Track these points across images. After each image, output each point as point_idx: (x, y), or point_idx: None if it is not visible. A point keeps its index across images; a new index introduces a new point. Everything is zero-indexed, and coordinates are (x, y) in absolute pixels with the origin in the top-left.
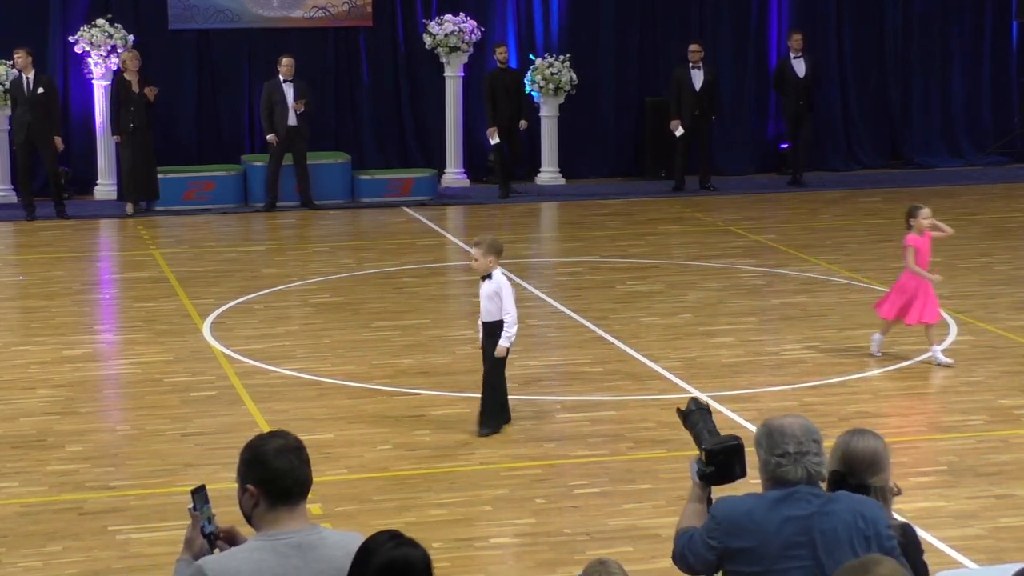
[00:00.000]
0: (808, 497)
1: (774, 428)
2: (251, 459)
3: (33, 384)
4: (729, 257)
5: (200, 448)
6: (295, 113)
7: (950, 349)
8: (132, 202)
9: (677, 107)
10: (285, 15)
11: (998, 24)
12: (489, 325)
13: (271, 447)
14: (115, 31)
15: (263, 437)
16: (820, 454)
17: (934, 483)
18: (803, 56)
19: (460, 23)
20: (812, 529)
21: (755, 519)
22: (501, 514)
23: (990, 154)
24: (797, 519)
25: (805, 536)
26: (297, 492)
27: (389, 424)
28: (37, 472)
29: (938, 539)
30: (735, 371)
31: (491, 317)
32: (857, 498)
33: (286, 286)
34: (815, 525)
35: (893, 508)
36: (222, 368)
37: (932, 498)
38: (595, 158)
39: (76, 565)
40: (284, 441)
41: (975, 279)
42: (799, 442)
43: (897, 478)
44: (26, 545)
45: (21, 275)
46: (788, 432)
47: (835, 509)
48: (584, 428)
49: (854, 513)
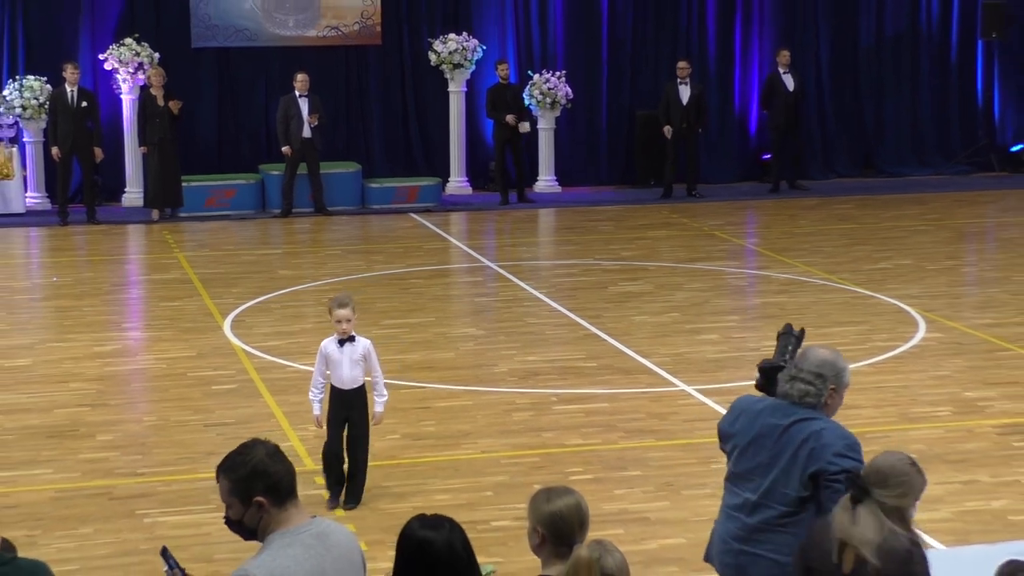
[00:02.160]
0: (791, 412)
1: (806, 350)
2: (250, 474)
3: (66, 378)
4: (714, 260)
5: (221, 438)
6: (309, 126)
7: (919, 345)
8: (158, 208)
9: (667, 119)
10: (300, 34)
11: (964, 43)
12: (353, 392)
13: (261, 456)
14: (142, 49)
15: (245, 451)
16: (812, 384)
17: None
18: (791, 71)
19: (463, 41)
20: (778, 435)
21: (747, 413)
22: (502, 499)
23: (956, 164)
24: (772, 424)
25: (770, 439)
26: (295, 487)
27: (397, 415)
28: (70, 460)
29: None
30: (719, 366)
31: (355, 384)
32: (829, 428)
33: (301, 287)
34: (782, 433)
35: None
36: (242, 363)
37: None
38: (589, 167)
39: (106, 546)
40: (265, 447)
41: (942, 280)
42: (800, 369)
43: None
44: (60, 528)
45: (55, 276)
46: (803, 357)
47: (803, 427)
48: (579, 419)
49: (813, 434)
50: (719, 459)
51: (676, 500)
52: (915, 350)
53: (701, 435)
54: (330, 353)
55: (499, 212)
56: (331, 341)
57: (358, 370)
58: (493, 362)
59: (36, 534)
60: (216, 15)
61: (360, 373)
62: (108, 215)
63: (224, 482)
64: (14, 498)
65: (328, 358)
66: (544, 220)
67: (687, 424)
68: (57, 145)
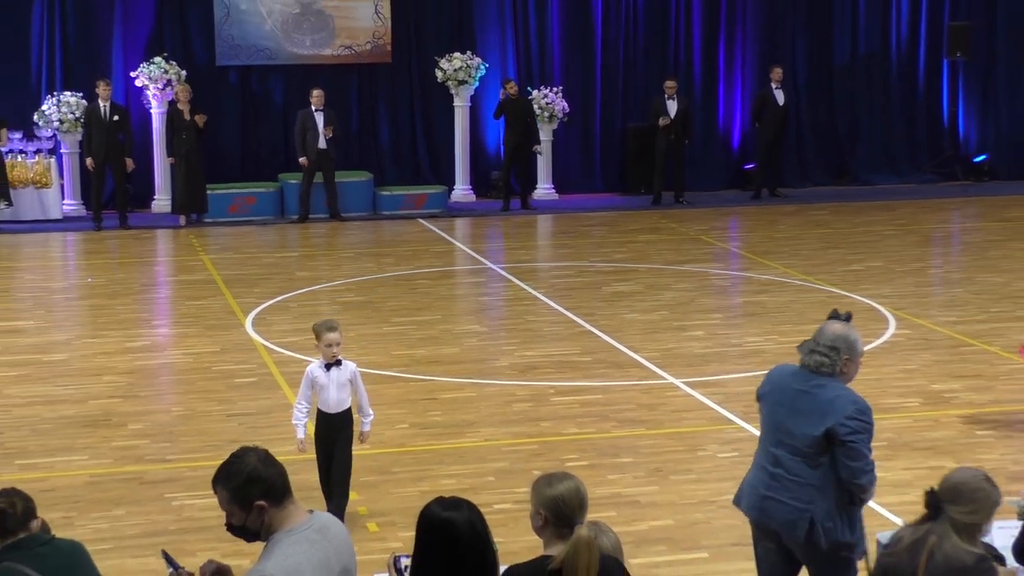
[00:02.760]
0: (810, 379)
1: (822, 326)
2: (247, 481)
3: (100, 371)
4: (700, 262)
5: (243, 427)
6: (325, 138)
7: (889, 341)
8: (184, 214)
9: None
10: (316, 53)
11: (931, 62)
12: (340, 416)
13: (254, 463)
14: (170, 67)
15: (238, 460)
16: (827, 356)
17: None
18: (782, 87)
19: (467, 60)
20: (797, 397)
21: (775, 379)
22: (503, 484)
23: (924, 174)
24: (794, 389)
25: (792, 402)
26: (289, 487)
27: (406, 406)
28: (104, 447)
29: (879, 505)
30: (705, 360)
31: (341, 407)
32: (842, 395)
33: (317, 287)
34: (802, 397)
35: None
36: (262, 358)
37: None
38: (584, 176)
39: (137, 527)
40: (256, 454)
41: (910, 281)
42: (817, 343)
43: None
44: (95, 510)
45: (90, 277)
46: (820, 332)
47: (819, 393)
48: (574, 409)
49: (828, 399)
50: (705, 447)
51: (664, 485)
52: (886, 346)
53: (688, 424)
54: (317, 377)
55: (501, 217)
56: (317, 366)
57: (344, 393)
58: (495, 357)
59: (72, 515)
60: (239, 36)
61: (347, 396)
62: (138, 221)
63: (223, 492)
64: (52, 482)
65: (315, 382)
66: (542, 225)
67: (675, 414)
68: (91, 156)
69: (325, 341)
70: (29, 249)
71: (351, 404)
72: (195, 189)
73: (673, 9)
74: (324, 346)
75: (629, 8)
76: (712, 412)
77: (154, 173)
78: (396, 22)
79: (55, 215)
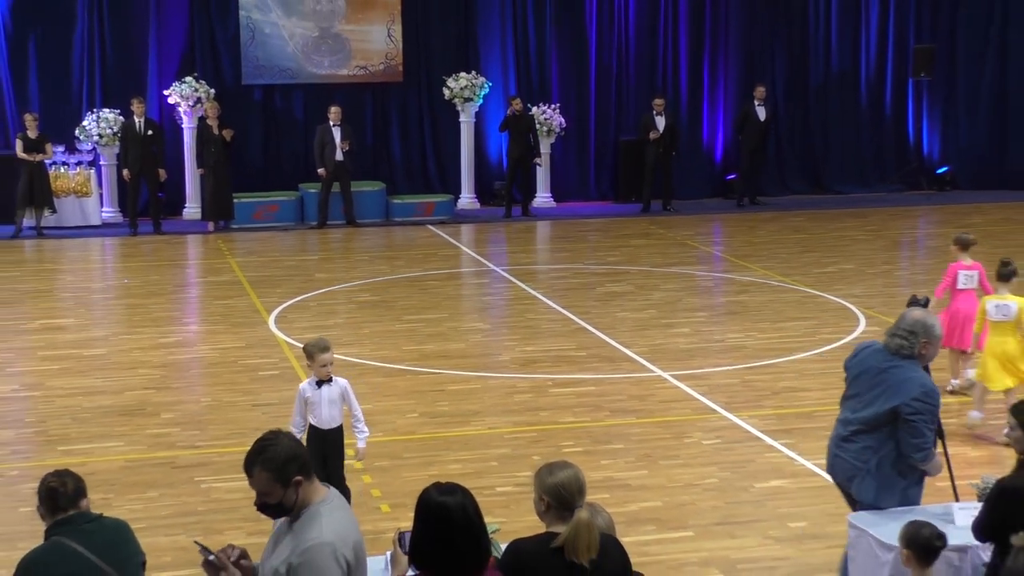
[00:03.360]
0: (889, 359)
1: (904, 312)
2: (286, 460)
3: (135, 365)
4: (686, 264)
5: (266, 416)
6: (341, 151)
7: (860, 338)
8: (213, 221)
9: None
10: (334, 72)
11: (897, 81)
12: (333, 432)
13: (287, 442)
14: (200, 86)
15: (274, 442)
16: (906, 339)
17: None
18: (764, 104)
19: (472, 79)
20: (876, 374)
21: (860, 354)
22: (505, 468)
23: (891, 184)
24: (873, 365)
25: (870, 376)
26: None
27: (415, 397)
28: (138, 434)
29: None
30: (690, 355)
31: (334, 423)
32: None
33: (334, 287)
34: (879, 374)
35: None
36: (284, 352)
37: None
38: (580, 185)
39: (169, 508)
40: (286, 435)
41: (879, 282)
42: (898, 327)
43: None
44: (130, 492)
45: (126, 279)
46: (901, 318)
47: (895, 372)
48: (570, 400)
49: (900, 380)
50: (690, 434)
51: (653, 469)
52: (857, 341)
53: (675, 414)
54: (309, 396)
55: (503, 224)
56: (309, 384)
57: (336, 409)
58: (497, 352)
59: (110, 497)
60: (263, 57)
61: (338, 412)
62: (171, 227)
63: (262, 474)
64: (91, 466)
65: (307, 400)
66: (541, 231)
67: (663, 404)
68: (128, 167)
69: (320, 361)
70: (71, 253)
71: (343, 420)
72: (223, 197)
73: (661, 33)
74: (319, 366)
75: (621, 32)
76: (697, 402)
77: (185, 183)
78: (407, 45)
79: (94, 222)
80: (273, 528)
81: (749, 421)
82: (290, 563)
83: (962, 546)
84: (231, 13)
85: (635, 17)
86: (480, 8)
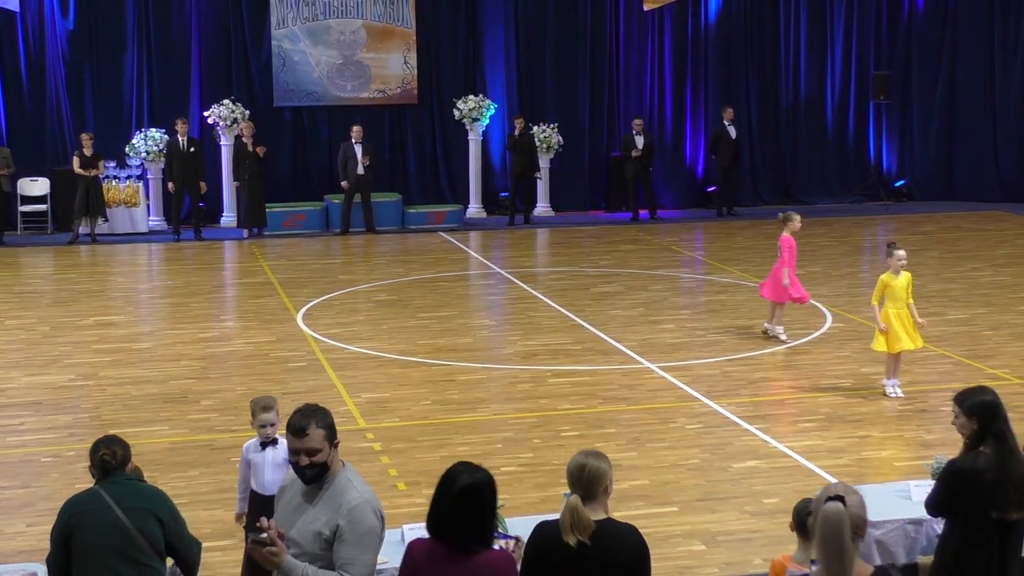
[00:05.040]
0: None
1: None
2: (332, 421)
3: (178, 357)
4: (670, 267)
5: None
6: (362, 165)
7: (826, 333)
8: (247, 228)
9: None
10: (355, 95)
11: (859, 103)
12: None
13: (324, 413)
14: (236, 108)
15: (314, 406)
16: None
17: (814, 428)
18: (733, 124)
19: (479, 101)
20: None
21: None
22: (509, 450)
23: (854, 195)
24: None
25: None
26: None
27: (429, 386)
28: (181, 419)
29: (818, 467)
30: (675, 348)
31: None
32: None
33: (355, 288)
34: None
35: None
36: (310, 346)
37: (813, 438)
38: (575, 196)
39: (208, 485)
40: (315, 410)
41: (843, 283)
42: None
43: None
44: (173, 471)
45: (170, 280)
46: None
47: None
48: (567, 389)
49: None
50: (675, 420)
51: (641, 451)
52: (824, 336)
53: (661, 401)
54: (252, 458)
55: (507, 231)
56: (253, 444)
57: (280, 475)
58: (502, 346)
59: (155, 475)
60: (292, 82)
61: (282, 478)
62: (210, 234)
63: (318, 431)
64: (139, 448)
65: (250, 463)
66: (541, 237)
67: (650, 393)
68: (172, 181)
69: (259, 421)
70: (121, 257)
71: None
72: (256, 207)
73: (649, 60)
74: (258, 426)
75: (613, 59)
76: (681, 391)
77: (223, 194)
78: (421, 70)
79: (142, 229)
80: (278, 501)
81: (727, 408)
82: (337, 524)
83: (918, 519)
84: (264, 43)
85: (624, 47)
86: (487, 39)
